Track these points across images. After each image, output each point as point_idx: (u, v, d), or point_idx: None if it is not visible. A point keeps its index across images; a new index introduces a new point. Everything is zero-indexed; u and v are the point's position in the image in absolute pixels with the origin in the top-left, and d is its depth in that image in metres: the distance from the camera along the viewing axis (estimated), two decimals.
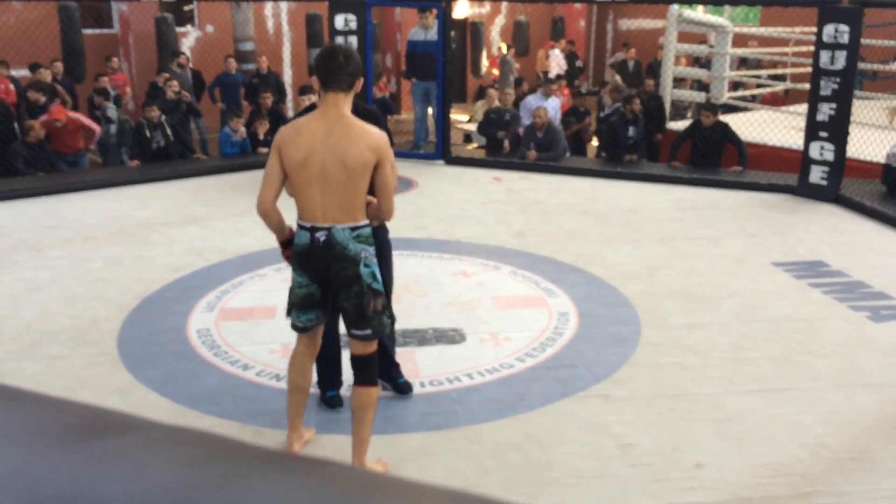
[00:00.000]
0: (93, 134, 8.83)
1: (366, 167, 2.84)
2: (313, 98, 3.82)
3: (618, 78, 12.91)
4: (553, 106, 9.52)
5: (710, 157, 8.56)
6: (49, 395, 0.44)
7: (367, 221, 2.95)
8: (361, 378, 3.05)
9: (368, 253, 2.93)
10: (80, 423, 0.38)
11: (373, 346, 3.05)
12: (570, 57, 15.93)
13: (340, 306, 2.99)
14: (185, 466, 0.37)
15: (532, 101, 9.56)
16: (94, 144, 9.15)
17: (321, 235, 2.89)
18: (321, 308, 3.05)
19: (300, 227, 2.95)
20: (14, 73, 10.43)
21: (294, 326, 3.11)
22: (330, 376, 3.75)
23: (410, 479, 0.41)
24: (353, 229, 2.89)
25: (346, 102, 2.90)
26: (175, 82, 9.95)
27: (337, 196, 2.85)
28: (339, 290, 2.94)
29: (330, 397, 3.74)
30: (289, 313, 3.09)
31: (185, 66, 11.13)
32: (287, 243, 3.08)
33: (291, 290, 3.05)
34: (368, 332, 2.98)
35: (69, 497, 0.34)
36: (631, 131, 9.01)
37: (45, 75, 9.87)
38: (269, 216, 2.98)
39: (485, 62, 16.56)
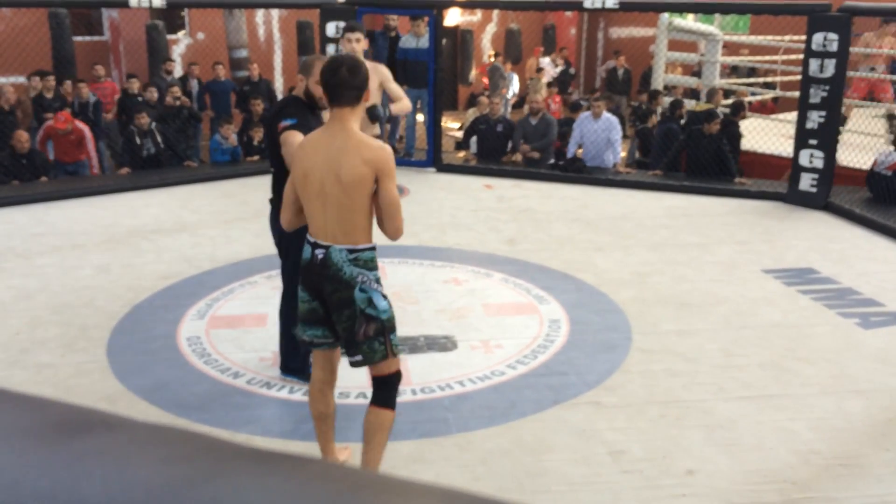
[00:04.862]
0: (86, 156, 8.71)
1: (361, 182, 2.72)
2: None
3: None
4: (605, 127, 8.85)
5: (707, 167, 8.37)
6: (31, 394, 0.44)
7: (369, 244, 2.83)
8: (377, 398, 2.95)
9: (367, 277, 2.80)
10: (61, 421, 0.38)
11: (392, 368, 2.92)
12: (565, 64, 15.96)
13: (338, 328, 2.91)
14: (168, 464, 0.37)
15: (583, 120, 9.10)
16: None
17: (320, 253, 2.80)
18: (327, 326, 2.91)
19: (307, 241, 2.88)
20: (3, 80, 10.36)
21: (301, 341, 3.01)
22: (287, 353, 4.01)
23: (399, 477, 0.41)
24: (352, 251, 2.78)
25: (351, 116, 2.81)
26: (177, 88, 9.88)
27: (336, 214, 2.76)
28: (333, 311, 2.84)
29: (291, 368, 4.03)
30: (296, 326, 3.02)
31: (192, 74, 11.20)
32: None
33: (300, 302, 2.96)
34: (359, 358, 2.86)
35: (48, 495, 0.33)
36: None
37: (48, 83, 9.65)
38: (296, 226, 3.01)
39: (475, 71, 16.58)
